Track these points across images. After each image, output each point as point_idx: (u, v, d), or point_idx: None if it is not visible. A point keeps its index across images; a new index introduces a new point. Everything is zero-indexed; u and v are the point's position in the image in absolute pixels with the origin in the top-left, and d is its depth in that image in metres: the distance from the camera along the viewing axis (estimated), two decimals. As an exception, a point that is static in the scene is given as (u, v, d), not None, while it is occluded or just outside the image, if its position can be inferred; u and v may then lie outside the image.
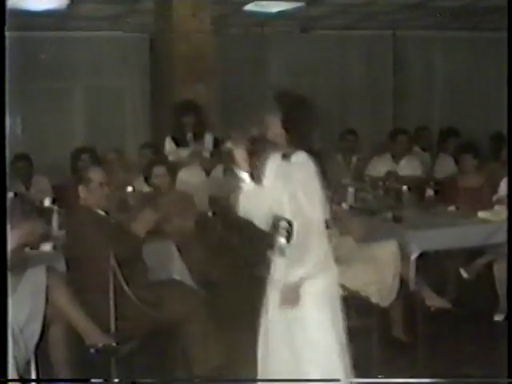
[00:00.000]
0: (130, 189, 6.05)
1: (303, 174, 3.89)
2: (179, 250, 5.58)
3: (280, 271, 4.00)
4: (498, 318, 6.23)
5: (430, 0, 10.02)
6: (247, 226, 6.30)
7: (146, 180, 6.49)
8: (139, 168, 7.05)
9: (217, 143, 7.62)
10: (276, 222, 3.94)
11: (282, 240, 3.92)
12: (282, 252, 3.93)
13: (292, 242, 3.88)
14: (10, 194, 4.97)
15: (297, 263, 3.90)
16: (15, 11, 7.58)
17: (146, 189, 6.51)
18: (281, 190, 3.96)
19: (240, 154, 4.09)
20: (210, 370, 4.93)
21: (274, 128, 4.01)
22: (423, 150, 8.94)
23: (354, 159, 8.46)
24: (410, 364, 5.38)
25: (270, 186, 4.06)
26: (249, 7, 9.75)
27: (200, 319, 5.01)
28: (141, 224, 5.05)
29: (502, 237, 6.15)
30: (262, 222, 4.09)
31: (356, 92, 12.07)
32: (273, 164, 4.11)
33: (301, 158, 3.93)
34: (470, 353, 5.58)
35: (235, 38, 11.03)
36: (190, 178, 7.31)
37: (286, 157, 4.02)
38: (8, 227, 3.12)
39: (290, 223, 3.89)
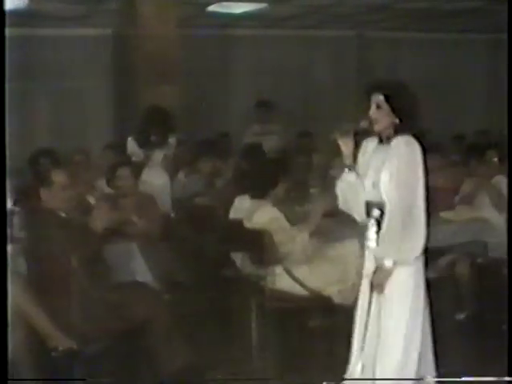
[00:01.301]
0: (92, 191, 6.03)
1: (404, 158, 3.86)
2: (142, 252, 5.57)
3: (371, 259, 4.02)
4: (460, 316, 6.28)
5: (394, 2, 10.08)
6: (211, 226, 6.34)
7: (109, 181, 6.45)
8: (103, 169, 7.01)
9: (180, 145, 7.63)
10: (370, 209, 3.96)
11: (373, 228, 3.95)
12: (372, 240, 3.97)
13: (388, 228, 3.86)
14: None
15: (393, 249, 3.88)
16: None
17: (108, 190, 6.48)
18: (377, 175, 3.94)
19: (347, 146, 4.03)
20: (176, 370, 4.92)
21: (384, 118, 3.94)
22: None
23: (316, 159, 8.48)
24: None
25: (367, 174, 4.03)
26: (212, 8, 9.75)
27: (164, 320, 5.00)
28: (97, 219, 5.00)
29: (465, 236, 6.23)
30: (361, 214, 4.07)
31: (320, 92, 12.11)
32: (369, 150, 4.08)
33: (403, 141, 3.89)
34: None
35: (200, 38, 11.02)
36: (152, 179, 7.29)
37: (385, 141, 3.97)
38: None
39: (382, 211, 3.90)
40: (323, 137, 9.43)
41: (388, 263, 3.88)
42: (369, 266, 4.06)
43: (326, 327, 5.71)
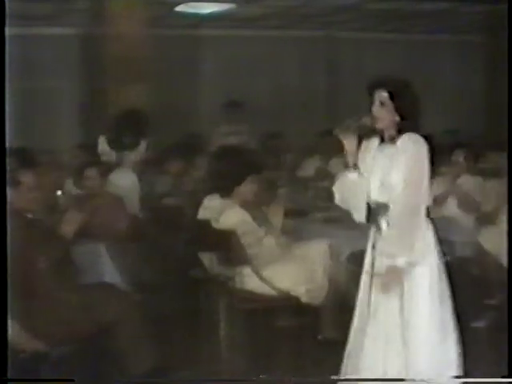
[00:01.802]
0: (59, 192, 5.99)
1: (414, 157, 3.82)
2: (110, 253, 5.55)
3: (380, 259, 3.95)
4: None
5: (362, 3, 10.14)
6: (180, 227, 6.33)
7: (77, 182, 6.43)
8: (71, 169, 6.99)
9: (148, 146, 7.62)
10: (375, 209, 3.94)
11: (384, 225, 3.92)
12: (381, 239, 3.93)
13: (399, 227, 3.83)
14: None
15: (401, 248, 3.81)
16: None
17: (76, 191, 6.46)
18: (386, 174, 3.91)
19: (350, 143, 3.98)
20: (145, 372, 4.91)
21: (387, 115, 3.91)
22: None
23: (285, 159, 8.52)
24: (339, 362, 5.39)
25: (373, 173, 3.99)
26: (180, 8, 9.74)
27: (133, 321, 4.98)
28: (67, 225, 4.99)
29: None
30: (361, 213, 4.03)
31: (289, 92, 12.14)
32: (371, 148, 4.04)
33: (411, 139, 3.86)
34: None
35: (169, 39, 11.00)
36: (121, 180, 7.26)
37: (390, 141, 3.94)
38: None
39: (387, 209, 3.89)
40: (292, 136, 9.54)
41: (400, 263, 3.81)
42: (372, 263, 4.02)
43: (294, 327, 5.73)
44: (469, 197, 6.57)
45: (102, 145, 7.75)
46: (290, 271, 5.37)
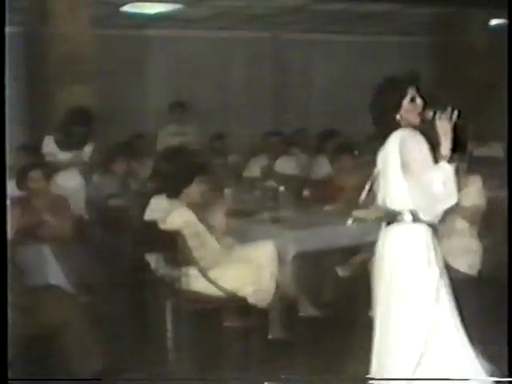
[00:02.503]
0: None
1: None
2: (55, 254, 5.50)
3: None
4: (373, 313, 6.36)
5: (308, 4, 10.18)
6: (126, 228, 6.30)
7: (20, 183, 6.34)
8: (14, 171, 6.89)
9: (94, 146, 7.56)
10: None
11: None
12: None
13: None
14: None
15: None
16: None
17: (18, 192, 6.37)
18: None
19: (446, 132, 3.79)
20: (92, 373, 4.87)
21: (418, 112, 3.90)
22: (301, 150, 9.08)
23: (231, 160, 8.53)
24: (290, 363, 5.42)
25: None
26: (126, 8, 9.68)
27: (79, 323, 4.94)
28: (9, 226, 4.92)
29: (377, 235, 6.32)
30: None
31: (236, 93, 12.15)
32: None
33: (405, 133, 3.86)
34: (347, 348, 5.66)
35: (114, 39, 10.92)
36: (67, 181, 7.20)
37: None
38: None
39: None
40: (238, 137, 9.55)
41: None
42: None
43: (241, 327, 5.74)
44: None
45: (48, 145, 7.66)
46: (237, 272, 5.38)
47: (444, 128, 3.75)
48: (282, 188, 6.69)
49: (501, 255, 6.88)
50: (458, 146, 3.79)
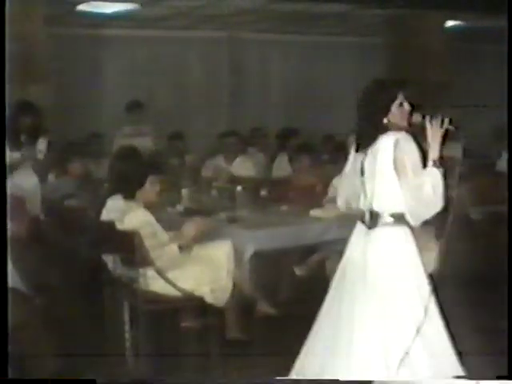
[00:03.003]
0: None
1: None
2: (10, 256, 5.43)
3: None
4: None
5: (266, 4, 10.20)
6: (83, 229, 6.25)
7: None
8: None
9: (50, 146, 7.48)
10: None
11: None
12: None
13: None
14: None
15: None
16: None
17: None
18: None
19: (437, 135, 3.88)
20: (50, 375, 4.83)
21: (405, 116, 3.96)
22: (258, 150, 9.10)
23: (189, 160, 8.52)
24: (248, 363, 5.43)
25: None
26: (82, 7, 9.61)
27: (35, 325, 4.91)
28: None
29: (334, 234, 6.36)
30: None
31: (193, 93, 12.13)
32: None
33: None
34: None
35: (70, 38, 10.85)
36: (21, 181, 7.13)
37: None
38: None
39: None
40: (195, 137, 9.54)
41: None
42: None
43: (199, 327, 5.74)
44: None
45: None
46: (194, 272, 5.37)
47: (434, 133, 3.83)
48: (238, 188, 6.70)
49: (457, 254, 6.99)
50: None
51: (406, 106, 3.94)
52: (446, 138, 3.86)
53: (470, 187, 8.09)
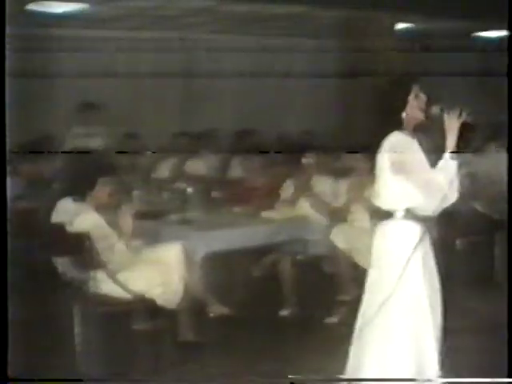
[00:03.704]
0: None
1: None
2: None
3: None
4: (284, 313, 6.42)
5: (217, 5, 10.18)
6: (33, 231, 6.18)
7: None
8: None
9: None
10: None
11: None
12: None
13: None
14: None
15: None
16: None
17: None
18: None
19: (454, 127, 3.90)
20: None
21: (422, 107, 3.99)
22: (213, 151, 9.07)
23: (139, 161, 8.46)
24: (202, 365, 5.41)
25: None
26: (31, 7, 9.50)
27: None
28: None
29: (286, 235, 6.39)
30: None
31: (145, 93, 12.07)
32: None
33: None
34: (259, 349, 5.68)
35: (21, 38, 10.70)
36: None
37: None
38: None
39: None
40: (147, 138, 9.48)
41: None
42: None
43: (150, 330, 5.71)
44: (318, 197, 6.72)
45: None
46: (145, 274, 5.34)
47: (452, 125, 3.87)
48: (190, 189, 6.67)
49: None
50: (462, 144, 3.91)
51: (422, 96, 4.00)
52: (463, 130, 3.90)
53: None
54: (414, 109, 3.97)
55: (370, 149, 8.02)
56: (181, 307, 5.51)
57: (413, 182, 3.87)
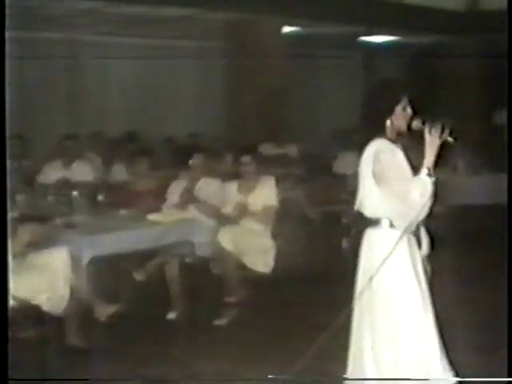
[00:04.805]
0: None
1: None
2: None
3: None
4: (171, 316, 6.41)
5: (103, 6, 10.10)
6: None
7: None
8: None
9: None
10: None
11: None
12: None
13: None
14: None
15: None
16: None
17: None
18: None
19: (434, 144, 3.85)
20: None
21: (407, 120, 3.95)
22: (97, 154, 8.97)
23: (24, 164, 8.29)
24: (87, 369, 5.34)
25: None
26: None
27: None
28: None
29: (173, 237, 6.40)
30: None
31: (31, 94, 11.84)
32: None
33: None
34: (148, 353, 5.66)
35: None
36: None
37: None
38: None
39: None
40: (33, 141, 9.29)
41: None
42: None
43: (36, 337, 5.61)
44: (207, 201, 6.74)
45: None
46: (30, 280, 5.25)
47: (432, 141, 3.85)
48: (75, 193, 6.59)
49: (294, 254, 7.17)
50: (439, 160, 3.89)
51: (409, 110, 3.99)
52: (443, 147, 3.89)
53: (308, 188, 8.33)
54: (399, 120, 3.95)
55: (258, 152, 8.14)
56: (67, 312, 5.44)
57: (393, 190, 3.88)
